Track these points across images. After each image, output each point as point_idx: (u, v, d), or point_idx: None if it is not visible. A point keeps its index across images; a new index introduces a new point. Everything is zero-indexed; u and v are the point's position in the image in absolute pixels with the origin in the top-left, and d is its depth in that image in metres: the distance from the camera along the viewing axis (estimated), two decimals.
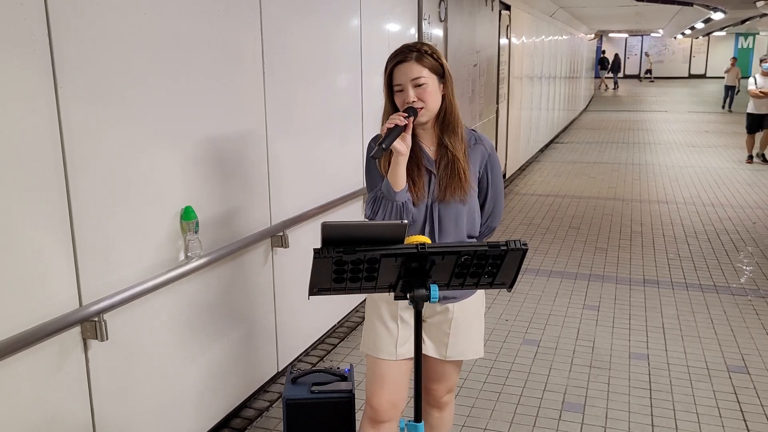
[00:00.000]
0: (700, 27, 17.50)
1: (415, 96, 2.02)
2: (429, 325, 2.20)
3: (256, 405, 3.25)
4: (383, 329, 2.16)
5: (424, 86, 2.03)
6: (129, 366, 2.42)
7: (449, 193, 2.08)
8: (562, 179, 9.21)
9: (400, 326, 2.15)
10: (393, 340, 2.15)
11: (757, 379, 3.54)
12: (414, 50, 2.05)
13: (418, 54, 2.04)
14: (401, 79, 2.04)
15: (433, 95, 2.05)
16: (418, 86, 2.02)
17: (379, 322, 2.17)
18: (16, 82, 1.91)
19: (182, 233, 2.60)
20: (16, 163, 1.93)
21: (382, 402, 2.16)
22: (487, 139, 2.23)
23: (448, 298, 2.15)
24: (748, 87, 10.26)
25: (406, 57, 2.04)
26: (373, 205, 2.03)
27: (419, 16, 5.01)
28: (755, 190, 8.32)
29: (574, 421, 3.14)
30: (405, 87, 2.03)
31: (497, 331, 4.13)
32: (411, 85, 2.02)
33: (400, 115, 1.96)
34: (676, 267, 5.40)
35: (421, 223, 2.10)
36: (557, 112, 13.73)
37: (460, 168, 2.08)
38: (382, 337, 2.16)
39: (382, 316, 2.17)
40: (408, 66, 2.03)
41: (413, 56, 2.03)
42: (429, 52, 2.06)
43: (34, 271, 2.01)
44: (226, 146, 2.89)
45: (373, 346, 2.18)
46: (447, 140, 2.10)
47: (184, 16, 2.57)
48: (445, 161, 2.10)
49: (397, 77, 2.05)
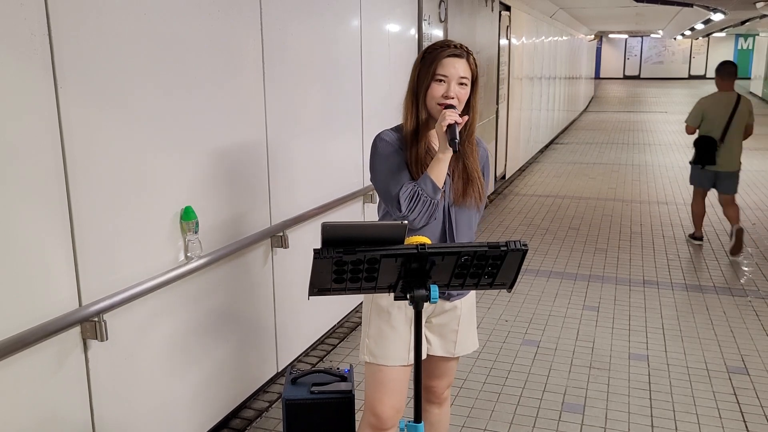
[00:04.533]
0: (699, 28, 17.50)
1: (456, 93, 2.04)
2: (435, 325, 2.19)
3: (256, 405, 3.25)
4: (395, 335, 2.12)
5: (465, 87, 2.06)
6: (129, 366, 2.42)
7: (467, 199, 2.12)
8: (562, 180, 9.21)
9: (408, 332, 2.13)
10: (406, 346, 2.12)
11: (756, 380, 3.54)
12: (465, 51, 2.08)
13: (467, 55, 2.08)
14: (450, 71, 2.03)
15: (466, 98, 2.08)
16: (460, 84, 2.04)
17: (389, 328, 2.13)
18: (16, 81, 1.91)
19: (182, 233, 2.60)
20: (16, 163, 1.93)
21: (387, 409, 2.14)
22: (483, 143, 2.27)
23: (455, 295, 2.16)
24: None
25: (460, 53, 2.06)
26: (410, 201, 2.00)
27: (419, 16, 5.01)
28: (755, 191, 8.32)
29: (574, 421, 3.14)
30: (450, 80, 2.03)
31: (497, 332, 4.13)
32: (456, 81, 2.04)
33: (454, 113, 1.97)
34: (675, 268, 5.40)
35: (441, 223, 2.11)
36: (557, 112, 13.73)
37: (476, 177, 2.13)
38: (394, 343, 2.12)
39: (392, 322, 2.13)
40: (460, 62, 2.05)
41: (464, 54, 2.07)
42: (473, 58, 2.10)
43: (34, 271, 2.01)
44: (226, 146, 2.89)
45: (383, 353, 2.13)
46: (468, 147, 2.13)
47: (184, 16, 2.57)
48: (461, 167, 2.12)
49: (446, 68, 2.03)
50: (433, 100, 2.06)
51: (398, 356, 2.13)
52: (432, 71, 2.04)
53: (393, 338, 2.13)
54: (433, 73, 2.04)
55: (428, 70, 2.05)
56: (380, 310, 2.15)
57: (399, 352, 2.13)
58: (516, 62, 9.19)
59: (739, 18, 13.96)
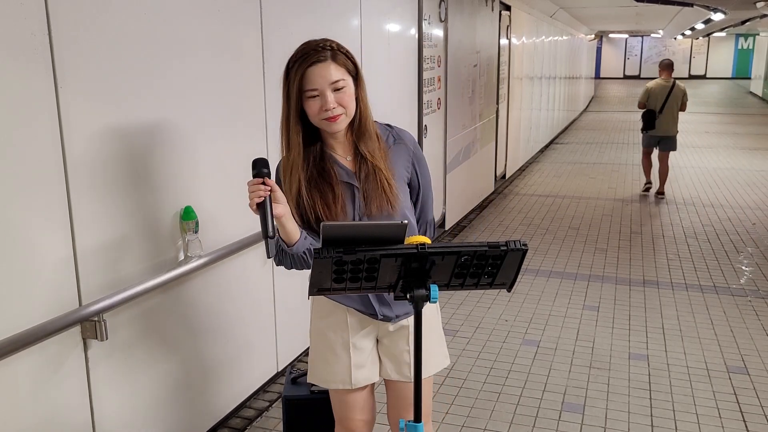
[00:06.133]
0: (700, 28, 17.49)
1: (335, 102, 1.79)
2: (384, 346, 2.05)
3: (256, 405, 3.25)
4: (334, 359, 2.02)
5: (344, 90, 1.80)
6: (129, 365, 2.42)
7: (375, 208, 1.88)
8: (562, 180, 9.21)
9: (353, 353, 2.01)
10: (346, 370, 2.01)
11: (756, 380, 3.54)
12: (327, 48, 1.79)
13: (332, 53, 1.80)
14: (317, 82, 1.77)
15: (352, 99, 1.83)
16: (337, 90, 1.79)
17: (329, 351, 2.02)
18: (16, 81, 1.91)
19: (182, 233, 2.60)
20: (16, 163, 1.93)
21: (356, 423, 2.08)
22: (407, 133, 2.01)
23: (400, 315, 1.99)
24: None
25: (320, 57, 1.77)
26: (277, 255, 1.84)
27: (419, 16, 5.01)
28: (755, 191, 8.32)
29: (574, 421, 3.14)
30: (323, 92, 1.78)
31: (497, 332, 4.13)
32: (330, 90, 1.78)
33: (256, 183, 1.71)
34: (675, 268, 5.40)
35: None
36: (557, 112, 13.73)
37: (383, 178, 1.87)
38: (333, 366, 2.02)
39: (331, 345, 2.02)
40: (324, 67, 1.78)
41: (328, 55, 1.79)
42: (343, 51, 1.83)
43: (34, 270, 2.01)
44: (227, 145, 2.89)
45: (324, 377, 2.05)
46: (364, 148, 1.89)
47: (184, 15, 2.57)
48: (365, 172, 1.88)
49: (312, 80, 1.77)
50: (314, 118, 1.82)
51: (339, 380, 2.02)
52: (298, 89, 1.79)
53: (332, 361, 2.02)
54: (300, 91, 1.79)
55: (295, 88, 1.79)
56: (318, 333, 2.05)
57: (339, 375, 2.01)
58: (516, 62, 9.19)
59: (739, 18, 13.96)
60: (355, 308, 1.99)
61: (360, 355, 2.02)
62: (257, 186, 1.72)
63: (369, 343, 2.04)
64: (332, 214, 1.87)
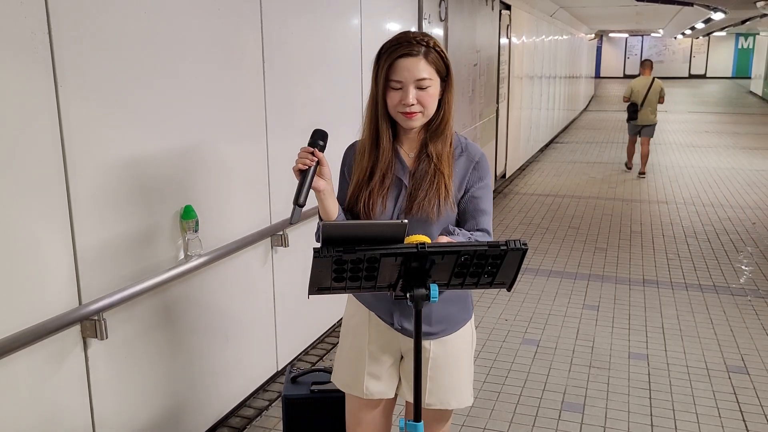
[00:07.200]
0: (700, 27, 17.49)
1: (415, 99, 1.77)
2: (406, 365, 1.95)
3: (256, 404, 3.25)
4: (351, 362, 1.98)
5: (428, 89, 1.78)
6: (129, 365, 2.42)
7: (418, 208, 1.81)
8: (562, 179, 9.21)
9: (368, 362, 1.94)
10: (360, 376, 1.95)
11: (756, 380, 3.54)
12: (422, 44, 1.75)
13: (426, 49, 1.76)
14: (403, 75, 1.75)
15: (434, 100, 1.81)
16: (420, 88, 1.77)
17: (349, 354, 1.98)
18: (16, 81, 1.91)
19: (182, 232, 2.61)
20: (17, 163, 1.93)
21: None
22: (475, 147, 1.94)
23: (425, 333, 1.84)
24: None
25: (412, 50, 1.74)
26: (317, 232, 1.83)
27: (419, 15, 5.01)
28: (755, 191, 8.32)
29: (574, 420, 3.14)
30: (406, 86, 1.75)
31: (497, 331, 4.13)
32: (413, 86, 1.76)
33: (307, 151, 1.72)
34: (675, 267, 5.40)
35: None
36: (557, 111, 13.73)
37: (442, 184, 1.82)
38: (350, 370, 1.98)
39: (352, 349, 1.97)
40: (414, 62, 1.74)
41: (421, 51, 1.75)
42: (438, 49, 1.79)
43: (34, 269, 2.01)
44: (226, 144, 2.89)
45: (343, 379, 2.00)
46: (433, 150, 1.84)
47: (184, 15, 2.57)
48: (422, 171, 1.83)
49: (399, 72, 1.75)
50: (392, 109, 1.80)
51: (355, 387, 1.96)
52: (384, 77, 1.77)
53: (350, 365, 1.98)
54: (386, 79, 1.77)
55: (382, 75, 1.77)
56: (345, 332, 2.00)
57: (356, 382, 1.95)
58: (516, 61, 9.19)
59: (739, 17, 13.96)
60: (376, 313, 1.94)
61: (376, 366, 1.95)
62: (306, 154, 1.72)
63: (389, 358, 1.96)
64: (372, 202, 1.84)
